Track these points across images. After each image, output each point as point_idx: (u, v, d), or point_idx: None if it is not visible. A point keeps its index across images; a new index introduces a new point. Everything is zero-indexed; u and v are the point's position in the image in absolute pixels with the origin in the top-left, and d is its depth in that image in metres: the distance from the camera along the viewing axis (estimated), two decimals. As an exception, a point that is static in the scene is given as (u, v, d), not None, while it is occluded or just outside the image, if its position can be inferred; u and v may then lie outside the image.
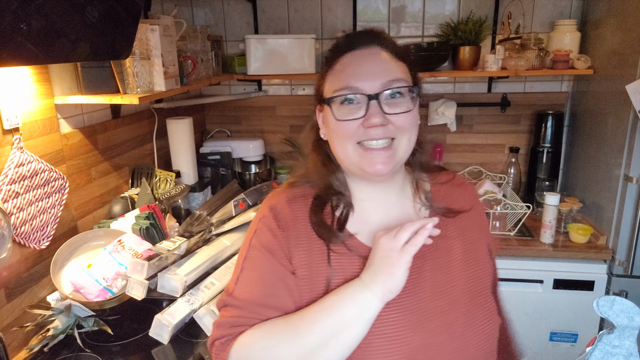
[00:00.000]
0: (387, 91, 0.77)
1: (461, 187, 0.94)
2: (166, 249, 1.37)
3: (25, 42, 0.93)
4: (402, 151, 0.80)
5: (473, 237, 0.89)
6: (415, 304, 0.78)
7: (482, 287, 0.86)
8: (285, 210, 0.83)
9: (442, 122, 2.25)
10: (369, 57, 0.79)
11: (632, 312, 0.63)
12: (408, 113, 0.77)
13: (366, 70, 0.78)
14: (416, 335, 0.76)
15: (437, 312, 0.79)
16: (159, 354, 1.23)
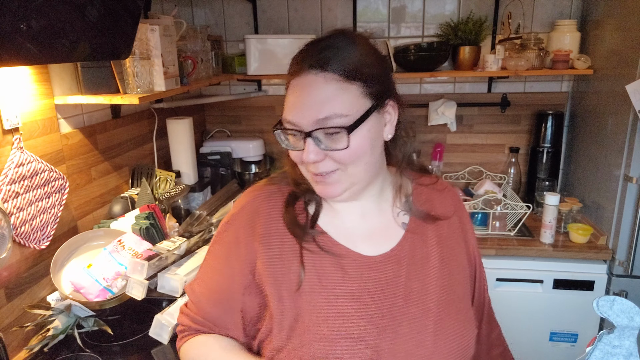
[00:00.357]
0: (319, 130, 0.72)
1: (443, 192, 0.91)
2: (166, 249, 1.37)
3: (25, 42, 0.93)
4: (355, 177, 0.77)
5: (452, 245, 0.86)
6: (385, 308, 0.77)
7: (457, 297, 0.83)
8: (260, 206, 0.84)
9: (442, 122, 2.26)
10: (308, 89, 0.73)
11: (632, 312, 0.63)
12: (346, 150, 0.73)
13: (302, 104, 0.73)
14: (383, 339, 0.75)
15: (407, 318, 0.77)
16: (159, 354, 1.23)
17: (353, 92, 0.73)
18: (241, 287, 0.82)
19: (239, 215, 0.85)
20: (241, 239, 0.83)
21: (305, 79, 0.74)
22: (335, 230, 0.83)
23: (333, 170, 0.76)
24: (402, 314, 0.77)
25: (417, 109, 2.32)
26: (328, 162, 0.75)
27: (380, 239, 0.83)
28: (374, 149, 0.77)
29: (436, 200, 0.89)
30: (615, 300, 0.64)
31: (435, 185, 0.91)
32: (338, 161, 0.75)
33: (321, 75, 0.73)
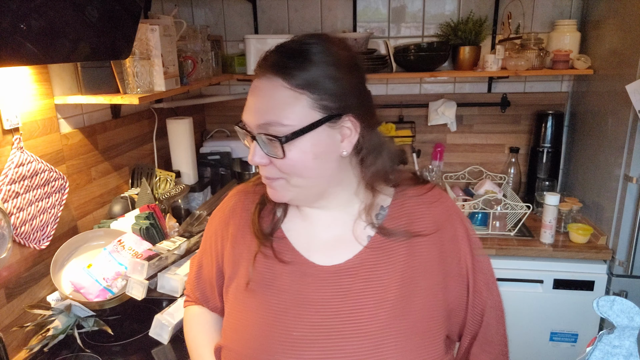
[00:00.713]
0: (262, 134, 0.72)
1: (432, 205, 0.82)
2: (166, 249, 1.37)
3: (25, 42, 0.93)
4: (302, 187, 0.76)
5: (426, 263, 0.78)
6: (323, 321, 0.75)
7: (413, 320, 0.75)
8: (236, 207, 0.90)
9: (442, 122, 2.26)
10: (259, 92, 0.74)
11: (632, 312, 0.63)
12: (284, 160, 0.72)
13: (251, 106, 0.74)
14: (310, 352, 0.74)
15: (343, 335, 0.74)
16: (159, 354, 1.23)
17: (301, 103, 0.71)
18: (216, 274, 0.91)
19: (218, 212, 0.93)
20: (218, 234, 0.91)
21: (259, 81, 0.74)
22: (297, 235, 0.83)
23: (276, 177, 0.76)
24: (338, 330, 0.74)
25: (417, 109, 2.32)
26: (272, 168, 0.75)
27: (337, 250, 0.80)
28: (322, 163, 0.74)
29: (419, 213, 0.81)
30: (615, 300, 0.64)
31: (423, 197, 0.83)
32: (280, 169, 0.74)
33: (273, 80, 0.72)
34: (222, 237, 0.89)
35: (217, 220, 0.92)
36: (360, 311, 0.75)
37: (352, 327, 0.74)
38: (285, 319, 0.76)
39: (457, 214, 0.84)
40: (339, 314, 0.75)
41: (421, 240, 0.79)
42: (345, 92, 0.73)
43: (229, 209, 0.90)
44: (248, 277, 0.81)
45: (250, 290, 0.80)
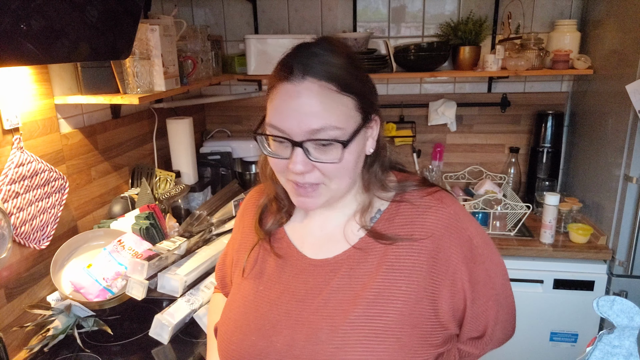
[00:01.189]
0: (310, 141, 0.70)
1: (429, 210, 0.79)
2: (166, 249, 1.37)
3: (25, 42, 0.93)
4: (336, 190, 0.76)
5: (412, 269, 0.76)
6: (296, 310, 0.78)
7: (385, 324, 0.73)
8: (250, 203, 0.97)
9: (442, 122, 2.26)
10: (300, 97, 0.69)
11: (632, 312, 0.63)
12: (336, 163, 0.71)
13: (294, 112, 0.69)
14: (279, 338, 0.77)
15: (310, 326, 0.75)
16: (159, 354, 1.23)
17: (348, 105, 0.72)
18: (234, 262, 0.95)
19: (241, 207, 1.00)
20: (237, 225, 0.98)
21: (295, 87, 0.70)
22: (294, 231, 0.87)
23: (317, 183, 0.74)
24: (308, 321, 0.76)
25: (417, 109, 2.32)
26: (315, 174, 0.73)
27: (325, 247, 0.82)
28: (358, 163, 0.77)
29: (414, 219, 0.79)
30: (615, 300, 0.64)
31: (422, 201, 0.80)
32: (325, 174, 0.73)
33: (317, 83, 0.70)
34: (238, 227, 0.97)
35: (239, 212, 1.00)
36: (333, 306, 0.75)
37: (322, 320, 0.75)
38: (264, 304, 0.81)
39: (459, 222, 0.80)
40: (312, 306, 0.77)
41: (410, 244, 0.77)
42: (372, 92, 0.78)
43: (245, 203, 0.98)
44: (243, 265, 0.89)
45: (245, 278, 0.87)
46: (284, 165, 0.74)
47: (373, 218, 0.81)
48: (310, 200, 0.76)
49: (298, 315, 0.77)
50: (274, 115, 0.72)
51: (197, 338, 1.28)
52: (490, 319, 0.82)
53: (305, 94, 0.70)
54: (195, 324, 1.29)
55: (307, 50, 0.74)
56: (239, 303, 0.85)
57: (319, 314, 0.76)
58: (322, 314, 0.76)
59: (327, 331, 0.74)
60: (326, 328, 0.74)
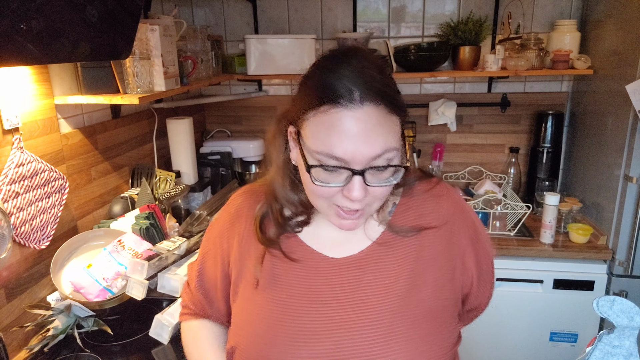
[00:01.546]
0: (372, 168, 0.69)
1: (440, 198, 0.84)
2: (166, 249, 1.37)
3: (25, 42, 0.93)
4: (374, 210, 0.78)
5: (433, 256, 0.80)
6: (335, 311, 0.76)
7: (423, 311, 0.76)
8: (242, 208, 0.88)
9: (442, 122, 2.26)
10: (359, 123, 0.66)
11: (632, 312, 0.63)
12: (387, 187, 0.72)
13: (354, 140, 0.67)
14: (324, 343, 0.74)
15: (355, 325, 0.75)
16: (159, 354, 1.23)
17: (397, 123, 0.71)
18: (221, 277, 0.88)
19: (223, 213, 0.91)
20: (223, 235, 0.89)
21: (358, 111, 0.66)
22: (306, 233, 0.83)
23: (363, 206, 0.73)
24: (350, 321, 0.75)
25: (417, 109, 2.32)
26: (366, 198, 0.72)
27: (346, 246, 0.81)
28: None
29: (427, 207, 0.83)
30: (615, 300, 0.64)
31: (433, 191, 0.85)
32: (376, 196, 0.73)
33: (374, 108, 0.67)
34: (228, 237, 0.87)
35: (221, 221, 0.90)
36: (370, 302, 0.76)
37: (362, 317, 0.75)
38: (295, 312, 0.77)
39: (464, 207, 0.87)
40: (350, 305, 0.76)
41: (429, 233, 0.81)
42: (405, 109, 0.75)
43: (235, 209, 0.89)
44: (256, 277, 0.81)
45: (260, 288, 0.80)
46: (334, 192, 0.71)
47: (390, 212, 0.84)
48: (353, 222, 0.75)
49: (337, 317, 0.76)
50: (328, 142, 0.68)
51: (197, 338, 1.28)
52: (487, 294, 0.91)
53: (364, 120, 0.67)
54: (195, 324, 1.29)
55: (353, 69, 0.69)
56: (262, 315, 0.78)
57: (358, 312, 0.76)
58: (362, 311, 0.76)
59: (371, 328, 0.75)
60: (369, 325, 0.75)
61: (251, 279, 0.82)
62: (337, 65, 0.70)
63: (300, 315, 0.76)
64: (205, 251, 0.93)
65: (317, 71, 0.72)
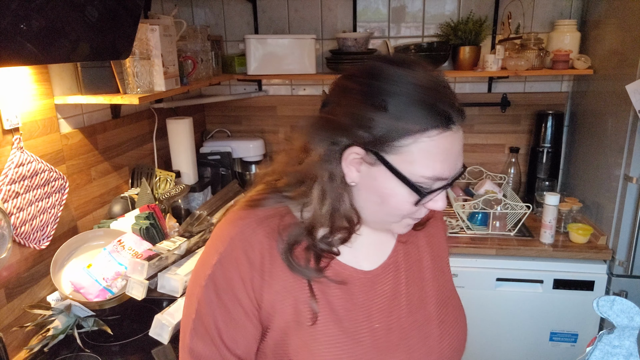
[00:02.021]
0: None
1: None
2: (166, 249, 1.37)
3: (25, 42, 0.93)
4: None
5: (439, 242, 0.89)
6: (394, 322, 0.77)
7: (450, 294, 0.86)
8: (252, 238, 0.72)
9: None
10: (457, 143, 0.68)
11: (632, 312, 0.63)
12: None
13: (454, 159, 0.68)
14: (397, 353, 0.75)
15: (415, 327, 0.78)
16: (159, 354, 1.23)
17: None
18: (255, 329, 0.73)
19: (230, 251, 0.72)
20: (244, 277, 0.71)
21: (458, 132, 0.67)
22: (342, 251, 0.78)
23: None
24: (410, 325, 0.78)
25: (417, 109, 2.32)
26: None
27: (375, 252, 0.81)
28: None
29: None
30: (615, 300, 0.64)
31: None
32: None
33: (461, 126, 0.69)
34: (251, 276, 0.71)
35: (233, 262, 0.71)
36: (418, 299, 0.81)
37: (417, 316, 0.79)
38: (360, 337, 0.73)
39: None
40: (401, 311, 0.79)
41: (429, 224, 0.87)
42: None
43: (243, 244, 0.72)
44: (310, 308, 0.72)
45: (315, 324, 0.72)
46: (416, 208, 0.70)
47: None
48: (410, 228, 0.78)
49: (399, 326, 0.77)
50: (440, 168, 0.67)
51: (197, 338, 1.28)
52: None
53: (459, 139, 0.68)
54: (195, 324, 1.29)
55: (449, 88, 0.68)
56: (328, 351, 0.71)
57: (414, 313, 0.79)
58: (416, 310, 0.80)
59: (428, 324, 0.79)
60: (426, 321, 0.79)
61: (301, 319, 0.71)
62: (433, 81, 0.66)
63: (365, 338, 0.74)
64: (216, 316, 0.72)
65: (410, 91, 0.65)
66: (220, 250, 0.72)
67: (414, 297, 0.80)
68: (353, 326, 0.74)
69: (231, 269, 0.71)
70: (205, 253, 0.76)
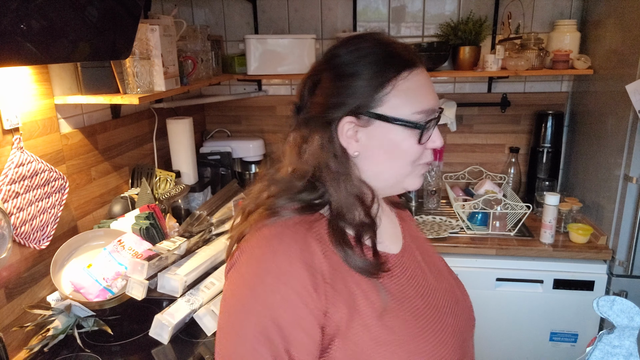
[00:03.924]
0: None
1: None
2: (166, 249, 1.37)
3: (25, 42, 0.93)
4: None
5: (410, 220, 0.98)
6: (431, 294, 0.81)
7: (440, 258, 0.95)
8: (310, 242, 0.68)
9: (442, 122, 2.25)
10: (427, 76, 0.77)
11: (632, 312, 0.63)
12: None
13: (432, 89, 0.78)
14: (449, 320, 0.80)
15: (446, 295, 0.84)
16: (159, 354, 1.23)
17: None
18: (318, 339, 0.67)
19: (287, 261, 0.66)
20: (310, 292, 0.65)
21: (423, 70, 0.76)
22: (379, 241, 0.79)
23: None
24: (442, 294, 0.82)
25: (417, 109, 2.32)
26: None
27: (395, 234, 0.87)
28: None
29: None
30: (615, 300, 0.64)
31: None
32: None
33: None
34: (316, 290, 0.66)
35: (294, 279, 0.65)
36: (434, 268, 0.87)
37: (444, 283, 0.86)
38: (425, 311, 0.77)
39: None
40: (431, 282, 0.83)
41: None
42: None
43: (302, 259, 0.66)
44: (380, 306, 0.70)
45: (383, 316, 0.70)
46: (421, 150, 0.77)
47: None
48: (422, 178, 0.83)
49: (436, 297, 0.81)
50: (426, 100, 0.76)
51: (197, 338, 1.28)
52: None
53: (427, 75, 0.78)
54: (195, 324, 1.29)
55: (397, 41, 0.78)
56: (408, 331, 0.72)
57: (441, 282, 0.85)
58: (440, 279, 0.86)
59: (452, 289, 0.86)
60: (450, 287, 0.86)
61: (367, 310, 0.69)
62: (385, 39, 0.76)
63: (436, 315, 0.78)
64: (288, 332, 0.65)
65: (371, 51, 0.73)
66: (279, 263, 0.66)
67: (433, 269, 0.86)
68: (413, 307, 0.75)
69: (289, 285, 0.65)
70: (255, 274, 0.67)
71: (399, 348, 0.69)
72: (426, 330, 0.74)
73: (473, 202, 1.95)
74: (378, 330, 0.69)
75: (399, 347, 0.70)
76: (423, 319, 0.75)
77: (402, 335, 0.71)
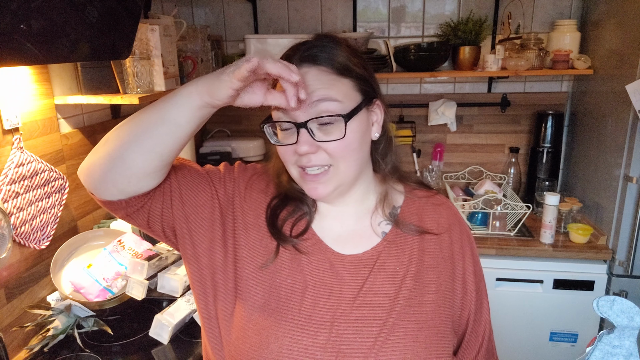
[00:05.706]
0: (314, 120, 0.72)
1: (438, 207, 0.87)
2: (166, 249, 1.37)
3: (25, 42, 0.93)
4: (344, 174, 0.77)
5: (435, 262, 0.81)
6: (335, 304, 0.76)
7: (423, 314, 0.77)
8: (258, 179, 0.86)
9: (442, 122, 2.25)
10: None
11: (632, 312, 0.63)
12: (340, 140, 0.73)
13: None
14: (322, 333, 0.74)
15: (352, 318, 0.76)
16: (159, 354, 1.23)
17: (346, 85, 0.75)
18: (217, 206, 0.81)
19: (247, 167, 0.88)
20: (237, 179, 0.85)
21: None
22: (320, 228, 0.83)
23: (324, 165, 0.75)
24: (354, 316, 0.75)
25: (417, 109, 2.32)
26: (321, 155, 0.74)
27: (353, 243, 0.82)
28: (362, 145, 0.78)
29: (428, 213, 0.86)
30: (615, 300, 0.64)
31: (431, 199, 0.88)
32: (331, 154, 0.74)
33: (314, 67, 0.74)
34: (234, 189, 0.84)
35: (239, 170, 0.87)
36: (377, 299, 0.77)
37: (368, 314, 0.75)
38: (300, 300, 0.76)
39: (461, 219, 0.89)
40: (356, 301, 0.76)
41: (431, 239, 0.83)
42: (371, 77, 0.80)
43: (252, 173, 0.87)
44: (268, 254, 0.79)
45: (263, 270, 0.78)
46: (292, 152, 0.75)
47: (396, 209, 0.85)
48: (321, 186, 0.76)
49: (343, 310, 0.75)
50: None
51: (197, 338, 1.28)
52: (488, 312, 0.86)
53: (304, 77, 0.73)
54: (195, 324, 1.29)
55: (301, 45, 0.79)
56: (264, 298, 0.77)
57: (364, 308, 0.76)
58: (368, 307, 0.76)
59: (371, 325, 0.75)
60: (369, 322, 0.75)
61: (252, 254, 0.79)
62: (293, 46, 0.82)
63: (305, 304, 0.76)
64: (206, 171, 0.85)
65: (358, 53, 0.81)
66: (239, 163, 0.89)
67: (368, 296, 0.77)
68: (291, 285, 0.77)
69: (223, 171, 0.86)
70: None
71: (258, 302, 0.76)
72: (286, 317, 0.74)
73: (473, 202, 1.95)
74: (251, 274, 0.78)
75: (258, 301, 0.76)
76: (295, 303, 0.75)
77: (266, 297, 0.76)
